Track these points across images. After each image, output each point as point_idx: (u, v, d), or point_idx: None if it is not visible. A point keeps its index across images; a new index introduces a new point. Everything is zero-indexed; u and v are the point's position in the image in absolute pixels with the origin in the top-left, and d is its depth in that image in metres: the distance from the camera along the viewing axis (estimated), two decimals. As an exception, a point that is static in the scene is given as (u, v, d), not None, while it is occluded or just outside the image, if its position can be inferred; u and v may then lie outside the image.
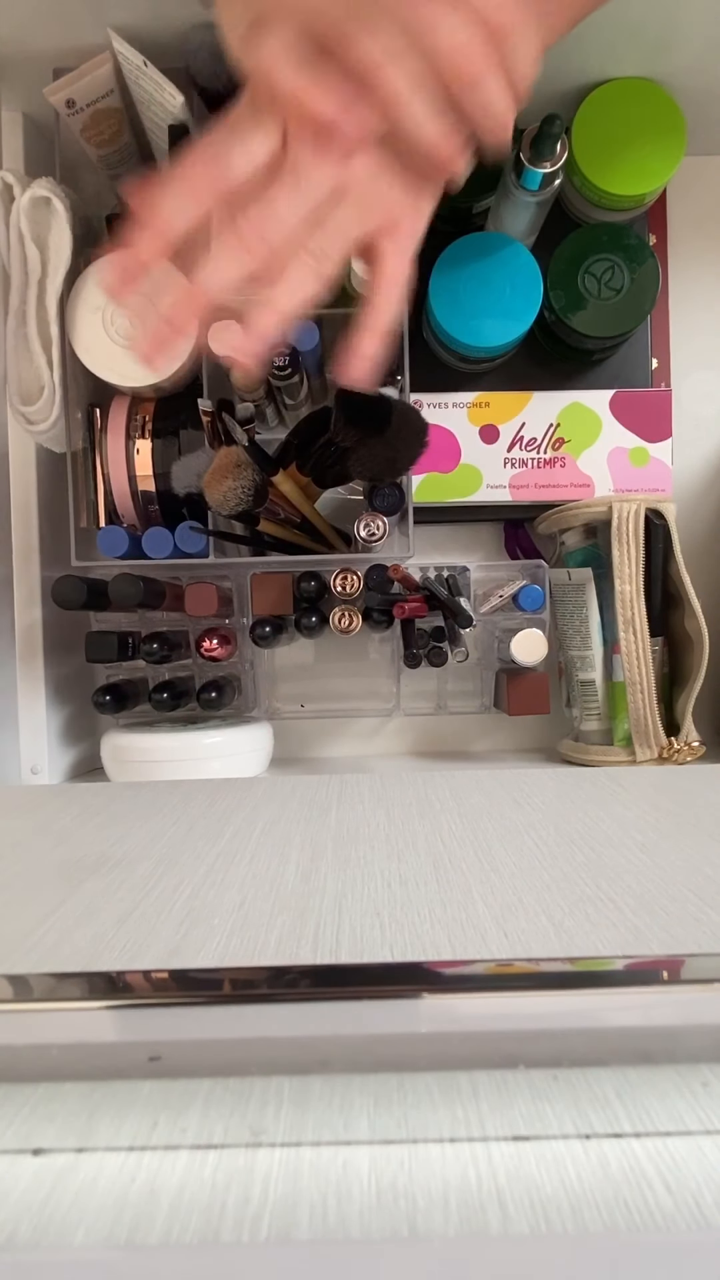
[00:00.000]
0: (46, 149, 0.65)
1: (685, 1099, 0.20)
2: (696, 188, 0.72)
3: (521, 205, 0.59)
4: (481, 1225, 0.17)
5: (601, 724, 0.66)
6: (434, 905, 0.29)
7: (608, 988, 0.23)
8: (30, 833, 0.40)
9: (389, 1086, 0.20)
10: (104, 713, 0.63)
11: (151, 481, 0.61)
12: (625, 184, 0.61)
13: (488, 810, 0.40)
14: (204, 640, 0.66)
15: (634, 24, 0.56)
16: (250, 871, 0.33)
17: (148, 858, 0.35)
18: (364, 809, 0.41)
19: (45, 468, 0.65)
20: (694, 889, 0.30)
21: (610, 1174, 0.18)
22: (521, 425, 0.68)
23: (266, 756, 0.66)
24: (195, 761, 0.60)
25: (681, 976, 0.24)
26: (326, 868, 0.33)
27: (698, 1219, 0.17)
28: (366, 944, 0.26)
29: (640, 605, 0.61)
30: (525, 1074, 0.20)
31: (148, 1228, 0.17)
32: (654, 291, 0.63)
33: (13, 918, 0.29)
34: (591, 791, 0.43)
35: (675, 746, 0.62)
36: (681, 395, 0.72)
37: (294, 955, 0.26)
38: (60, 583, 0.59)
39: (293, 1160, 0.19)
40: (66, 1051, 0.21)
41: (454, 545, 0.74)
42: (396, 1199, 0.17)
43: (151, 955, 0.26)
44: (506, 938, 0.26)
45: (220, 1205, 0.17)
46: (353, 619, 0.63)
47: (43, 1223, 0.17)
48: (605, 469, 0.68)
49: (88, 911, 0.29)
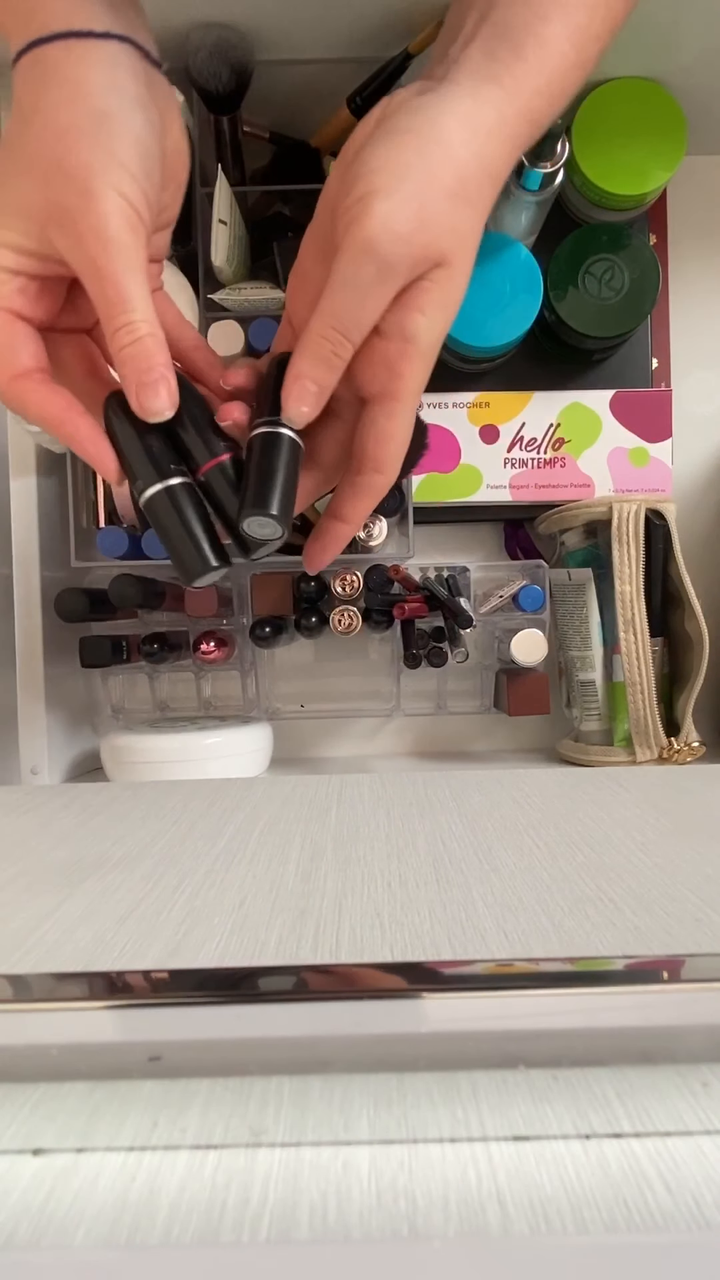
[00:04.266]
0: (46, 149, 0.65)
1: (685, 1099, 0.20)
2: (696, 188, 0.72)
3: (521, 205, 0.59)
4: (481, 1225, 0.17)
5: (601, 724, 0.66)
6: (434, 905, 0.29)
7: (608, 988, 0.23)
8: (30, 833, 0.40)
9: (389, 1086, 0.20)
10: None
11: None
12: (625, 184, 0.61)
13: (488, 810, 0.40)
14: (201, 643, 0.66)
15: (634, 24, 0.55)
16: (250, 871, 0.33)
17: (148, 858, 0.35)
18: (364, 809, 0.41)
19: (45, 468, 0.65)
20: (694, 889, 0.30)
21: (610, 1174, 0.18)
22: (521, 425, 0.68)
23: (266, 757, 0.66)
24: (195, 762, 0.60)
25: (681, 976, 0.24)
26: (326, 868, 0.33)
27: (698, 1219, 0.17)
28: (366, 944, 0.26)
29: (640, 605, 0.61)
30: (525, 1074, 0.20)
31: (148, 1228, 0.17)
32: (654, 291, 0.63)
33: (13, 918, 0.29)
34: (591, 791, 0.43)
35: (675, 747, 0.62)
36: (681, 395, 0.72)
37: (294, 955, 0.26)
38: (63, 595, 0.60)
39: (293, 1160, 0.19)
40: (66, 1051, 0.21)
41: (454, 545, 0.74)
42: (396, 1199, 0.17)
43: (151, 955, 0.26)
44: (506, 938, 0.26)
45: (220, 1205, 0.17)
46: (353, 619, 0.63)
47: (43, 1223, 0.17)
48: (605, 469, 0.68)
49: (88, 911, 0.29)
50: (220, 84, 0.56)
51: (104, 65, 0.33)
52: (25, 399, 0.34)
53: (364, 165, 0.33)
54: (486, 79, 0.34)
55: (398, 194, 0.32)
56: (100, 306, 0.33)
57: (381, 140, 0.33)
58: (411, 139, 0.33)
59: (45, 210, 0.33)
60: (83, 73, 0.33)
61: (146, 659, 0.64)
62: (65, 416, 0.35)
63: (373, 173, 0.32)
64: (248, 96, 0.58)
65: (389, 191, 0.32)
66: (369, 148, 0.34)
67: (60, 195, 0.32)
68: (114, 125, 0.33)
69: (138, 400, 0.34)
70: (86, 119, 0.33)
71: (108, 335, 0.34)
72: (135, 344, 0.33)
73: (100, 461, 0.35)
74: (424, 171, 0.33)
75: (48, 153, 0.32)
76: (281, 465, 0.35)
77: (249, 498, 0.34)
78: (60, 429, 0.35)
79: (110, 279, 0.32)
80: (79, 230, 0.32)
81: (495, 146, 0.34)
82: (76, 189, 0.32)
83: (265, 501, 0.34)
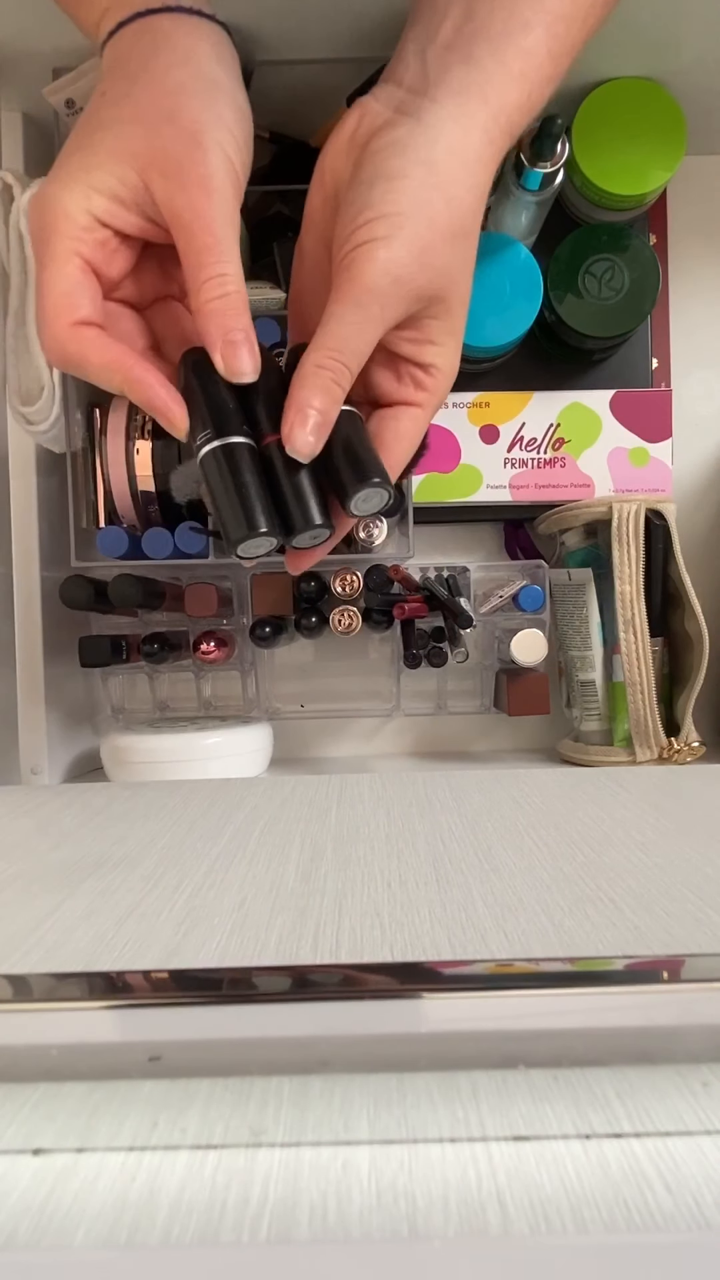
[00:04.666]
0: (46, 149, 0.65)
1: (685, 1099, 0.20)
2: (696, 188, 0.72)
3: (521, 205, 0.59)
4: (481, 1225, 0.17)
5: (601, 724, 0.66)
6: (434, 905, 0.29)
7: (608, 987, 0.23)
8: (30, 833, 0.40)
9: (389, 1086, 0.20)
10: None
11: (151, 482, 0.61)
12: (625, 184, 0.61)
13: (488, 810, 0.40)
14: (201, 643, 0.66)
15: (634, 24, 0.56)
16: (250, 871, 0.33)
17: (148, 858, 0.35)
18: (364, 809, 0.41)
19: (45, 468, 0.65)
20: (694, 889, 0.30)
21: (610, 1174, 0.18)
22: (521, 425, 0.68)
23: (266, 757, 0.66)
24: (195, 762, 0.60)
25: (681, 976, 0.24)
26: (326, 868, 0.33)
27: (698, 1219, 0.17)
28: (366, 944, 0.26)
29: (640, 605, 0.61)
30: (525, 1074, 0.20)
31: (148, 1228, 0.17)
32: (654, 292, 0.63)
33: (13, 918, 0.29)
34: (591, 791, 0.43)
35: (675, 747, 0.62)
36: (681, 395, 0.72)
37: (294, 955, 0.26)
38: (67, 583, 0.60)
39: (293, 1160, 0.19)
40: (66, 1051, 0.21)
41: (454, 545, 0.74)
42: (396, 1199, 0.17)
43: (151, 955, 0.26)
44: (506, 938, 0.26)
45: (220, 1205, 0.17)
46: (353, 619, 0.63)
47: (43, 1223, 0.17)
48: (605, 469, 0.68)
49: (88, 911, 0.29)
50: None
51: (210, 40, 0.36)
52: (85, 345, 0.34)
53: (361, 207, 0.33)
54: (470, 93, 0.34)
55: (398, 241, 0.33)
56: (190, 254, 0.33)
57: (378, 182, 0.33)
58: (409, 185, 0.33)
59: (149, 156, 0.33)
60: (193, 44, 0.35)
61: (146, 659, 0.64)
62: (131, 361, 0.34)
63: (371, 222, 0.33)
64: (248, 96, 0.58)
65: (389, 239, 0.33)
66: (362, 188, 0.34)
67: (169, 144, 0.33)
68: (221, 93, 0.35)
69: (223, 359, 0.33)
70: (197, 82, 0.34)
71: (194, 287, 0.33)
72: (224, 298, 0.33)
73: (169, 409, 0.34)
74: (424, 219, 0.33)
75: (159, 105, 0.33)
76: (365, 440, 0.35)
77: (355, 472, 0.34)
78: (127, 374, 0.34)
79: (208, 227, 0.33)
80: (185, 178, 0.33)
81: (485, 171, 0.35)
82: (186, 140, 0.33)
83: (371, 470, 0.34)
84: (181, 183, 0.33)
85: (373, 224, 0.33)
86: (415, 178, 0.33)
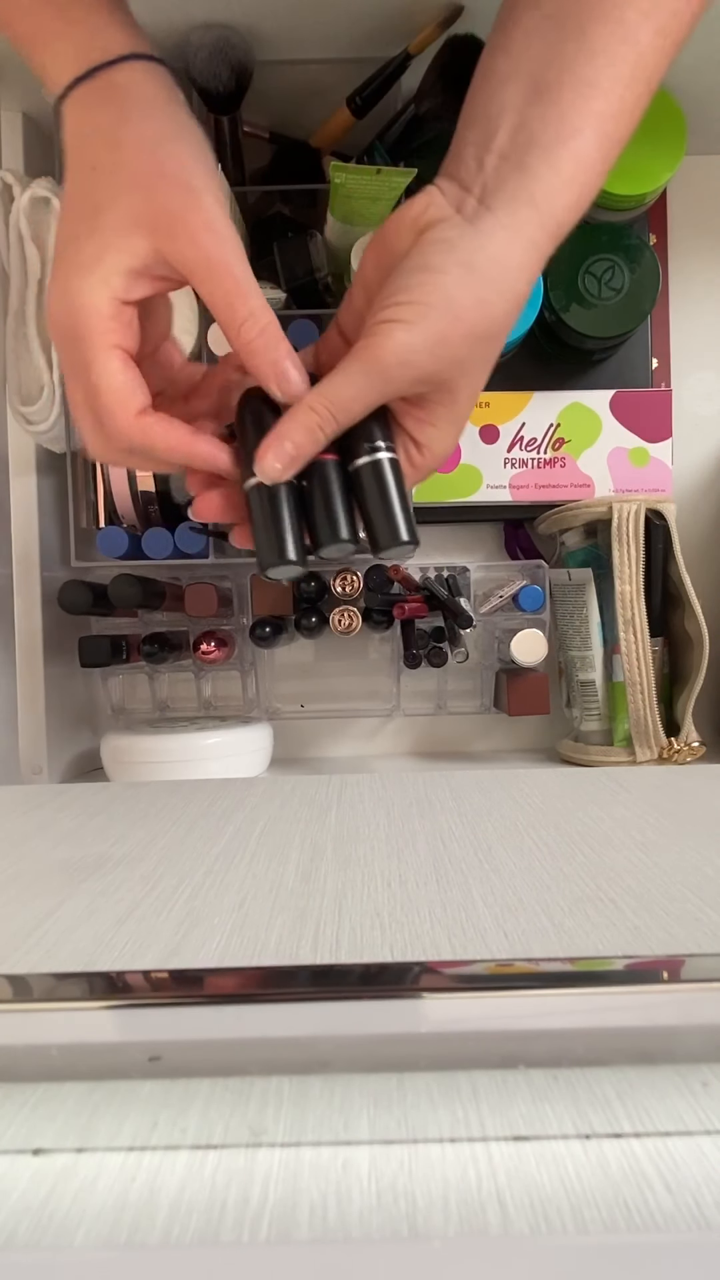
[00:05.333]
0: (46, 149, 0.65)
1: (685, 1099, 0.20)
2: (696, 188, 0.72)
3: (521, 205, 0.59)
4: (481, 1225, 0.17)
5: (601, 724, 0.66)
6: (434, 905, 0.29)
7: (608, 987, 0.23)
8: (30, 833, 0.40)
9: (389, 1086, 0.20)
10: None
11: (151, 482, 0.61)
12: (625, 184, 0.61)
13: (488, 810, 0.40)
14: (201, 643, 0.66)
15: (634, 24, 0.56)
16: (250, 871, 0.33)
17: (148, 858, 0.35)
18: (364, 809, 0.41)
19: (45, 468, 0.65)
20: (694, 889, 0.30)
21: (610, 1174, 0.18)
22: (521, 425, 0.68)
23: (266, 757, 0.66)
24: (195, 762, 0.60)
25: (681, 976, 0.24)
26: (326, 868, 0.33)
27: (698, 1219, 0.17)
28: (366, 944, 0.26)
29: (640, 605, 0.61)
30: (525, 1074, 0.20)
31: (148, 1228, 0.17)
32: (654, 292, 0.63)
33: (13, 918, 0.29)
34: (591, 791, 0.43)
35: (675, 747, 0.62)
36: (681, 395, 0.72)
37: (294, 955, 0.26)
38: (66, 587, 0.60)
39: (293, 1160, 0.19)
40: (66, 1051, 0.21)
41: (454, 545, 0.74)
42: (396, 1199, 0.17)
43: (151, 955, 0.26)
44: (506, 938, 0.26)
45: (220, 1205, 0.17)
46: (353, 619, 0.63)
47: (43, 1223, 0.17)
48: (605, 469, 0.68)
49: (88, 911, 0.29)
50: (220, 84, 0.56)
51: (164, 83, 0.37)
52: (151, 435, 0.35)
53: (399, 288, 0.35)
54: (520, 200, 0.35)
55: (418, 329, 0.34)
56: (218, 300, 0.34)
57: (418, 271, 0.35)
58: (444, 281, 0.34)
59: (153, 218, 0.34)
60: (153, 91, 0.36)
61: (146, 659, 0.64)
62: (190, 441, 0.36)
63: (400, 305, 0.34)
64: (248, 96, 0.59)
65: (410, 325, 0.34)
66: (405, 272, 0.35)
67: (166, 200, 0.34)
68: (191, 134, 0.36)
69: (278, 386, 0.35)
70: (171, 127, 0.35)
71: (231, 330, 0.35)
72: (262, 334, 0.35)
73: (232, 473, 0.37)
74: (449, 315, 0.34)
75: (147, 163, 0.34)
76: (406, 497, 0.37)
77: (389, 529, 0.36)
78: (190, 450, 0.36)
79: (227, 271, 0.34)
80: (190, 229, 0.34)
81: (524, 278, 0.36)
82: (180, 189, 0.34)
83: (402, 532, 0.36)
84: (190, 236, 0.34)
85: (401, 307, 0.34)
86: (452, 275, 0.34)
